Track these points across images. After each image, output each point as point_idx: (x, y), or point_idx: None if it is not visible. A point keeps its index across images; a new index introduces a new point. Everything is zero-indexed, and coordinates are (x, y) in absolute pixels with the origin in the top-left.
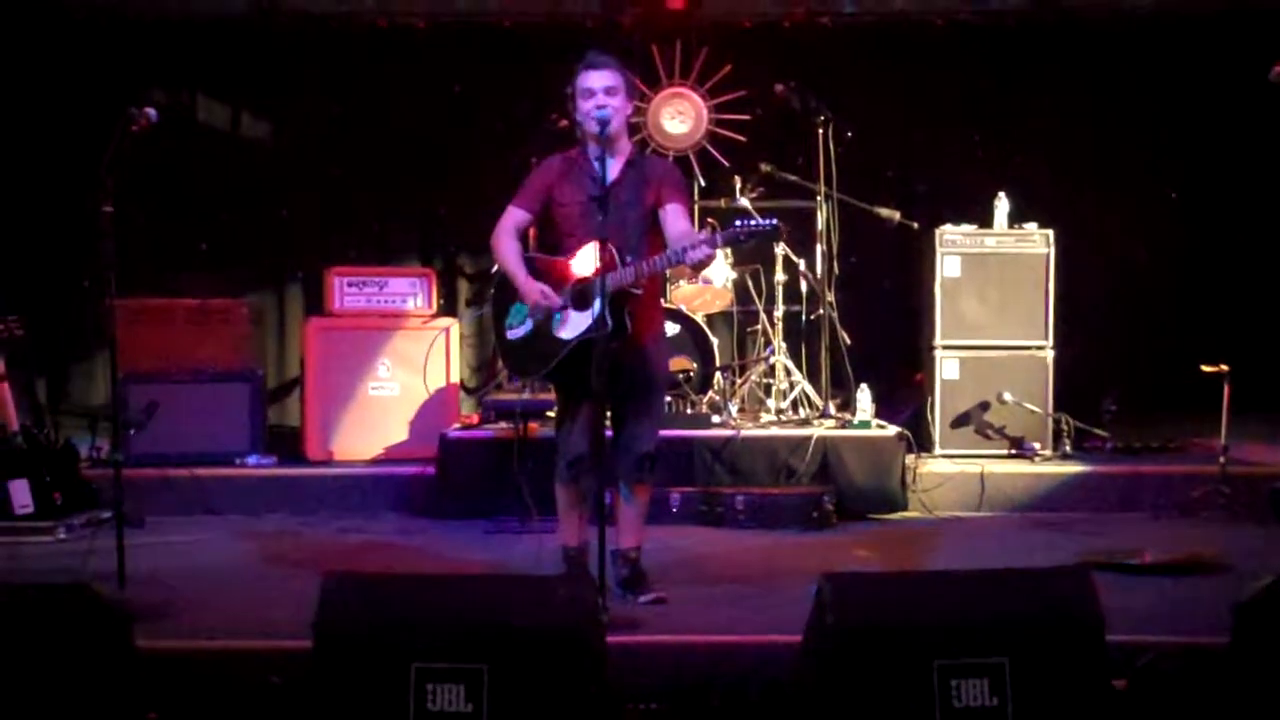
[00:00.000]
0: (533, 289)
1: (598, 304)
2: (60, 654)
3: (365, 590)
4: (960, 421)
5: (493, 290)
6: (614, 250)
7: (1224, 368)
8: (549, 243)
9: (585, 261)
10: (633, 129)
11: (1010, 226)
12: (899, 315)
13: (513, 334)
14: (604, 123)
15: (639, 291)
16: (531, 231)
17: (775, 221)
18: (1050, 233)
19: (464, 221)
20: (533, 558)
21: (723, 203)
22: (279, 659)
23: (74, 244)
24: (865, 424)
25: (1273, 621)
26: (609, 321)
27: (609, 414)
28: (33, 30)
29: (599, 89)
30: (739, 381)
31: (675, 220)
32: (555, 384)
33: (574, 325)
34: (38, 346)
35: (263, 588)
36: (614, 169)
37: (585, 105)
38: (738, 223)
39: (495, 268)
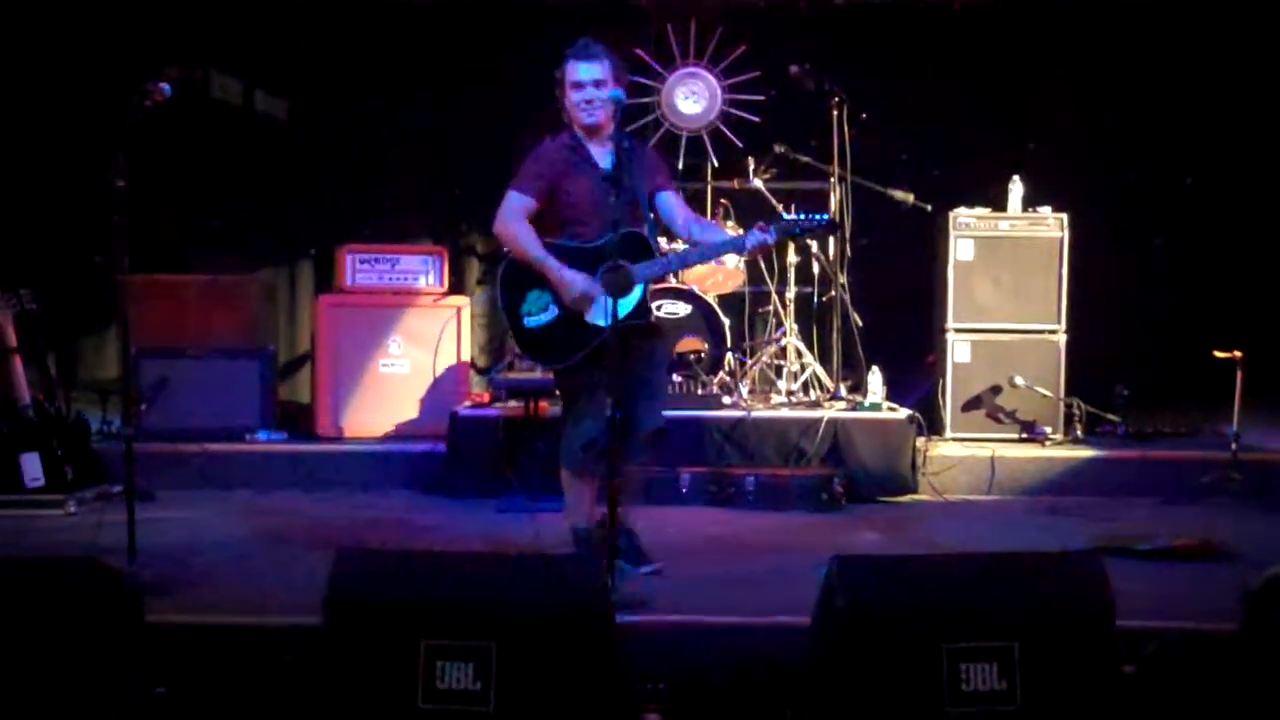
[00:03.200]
0: (576, 281)
1: (639, 290)
2: (70, 627)
3: (375, 567)
4: (972, 405)
5: (502, 274)
6: (647, 238)
7: (1237, 354)
8: (546, 228)
9: (619, 247)
10: (645, 109)
11: (1024, 210)
12: (911, 298)
13: (533, 321)
14: (600, 112)
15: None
16: None
17: (829, 217)
18: (1064, 217)
19: (477, 200)
20: (543, 536)
21: (735, 183)
22: (289, 635)
23: (87, 219)
24: (876, 406)
25: None
26: (650, 311)
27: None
28: (46, 3)
29: (588, 81)
30: (750, 363)
31: (678, 206)
32: (572, 370)
33: (610, 312)
34: (50, 320)
35: (272, 563)
36: (609, 156)
37: (575, 96)
38: (789, 215)
39: (507, 249)
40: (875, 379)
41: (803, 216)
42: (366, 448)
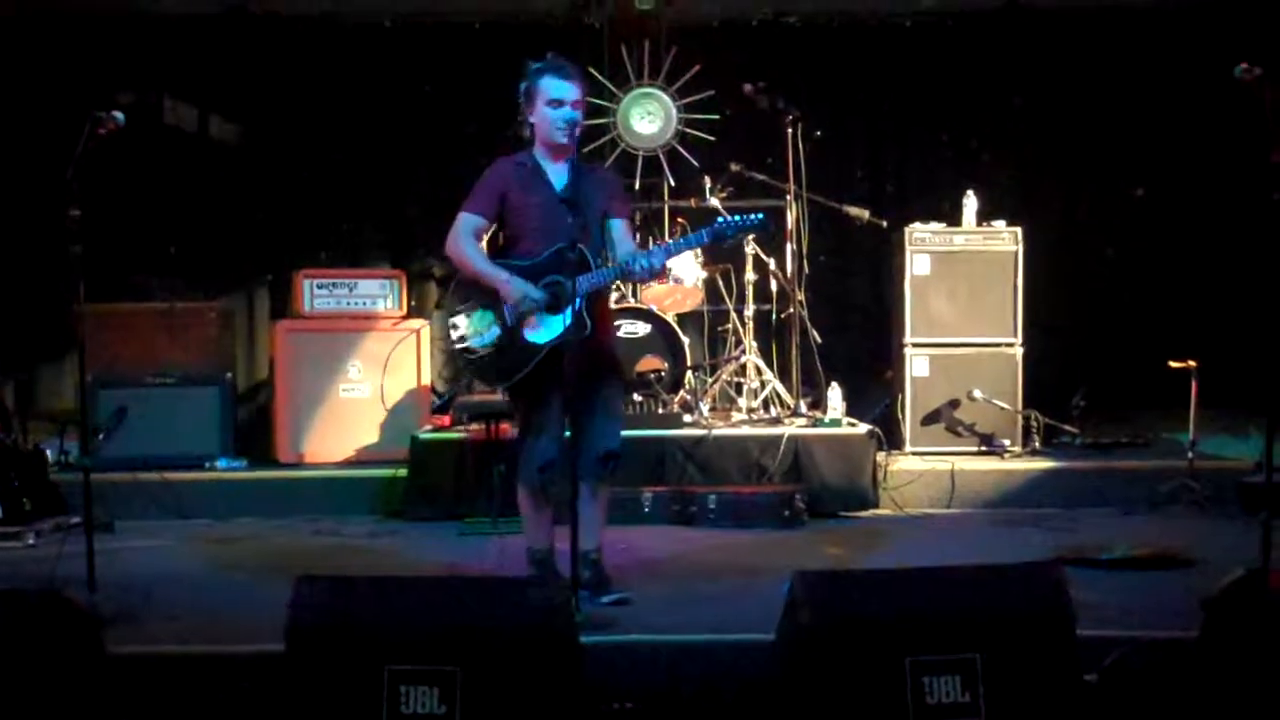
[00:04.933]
0: (517, 286)
1: (576, 305)
2: (31, 660)
3: (337, 593)
4: (930, 419)
5: (449, 300)
6: (585, 252)
7: (1192, 363)
8: (496, 246)
9: (557, 264)
10: (601, 129)
11: (978, 224)
12: (869, 313)
13: (476, 341)
14: (572, 133)
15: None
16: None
17: (763, 215)
18: (1018, 230)
19: (434, 223)
20: (506, 559)
21: (692, 202)
22: (251, 663)
23: (41, 248)
24: (836, 422)
25: (1241, 615)
26: (588, 323)
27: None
28: None
29: (568, 100)
30: (710, 381)
31: (625, 236)
32: (518, 388)
33: (548, 329)
34: (6, 351)
35: (234, 591)
36: (565, 173)
37: (553, 114)
38: (720, 219)
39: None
40: (835, 395)
41: (738, 218)
42: (327, 473)
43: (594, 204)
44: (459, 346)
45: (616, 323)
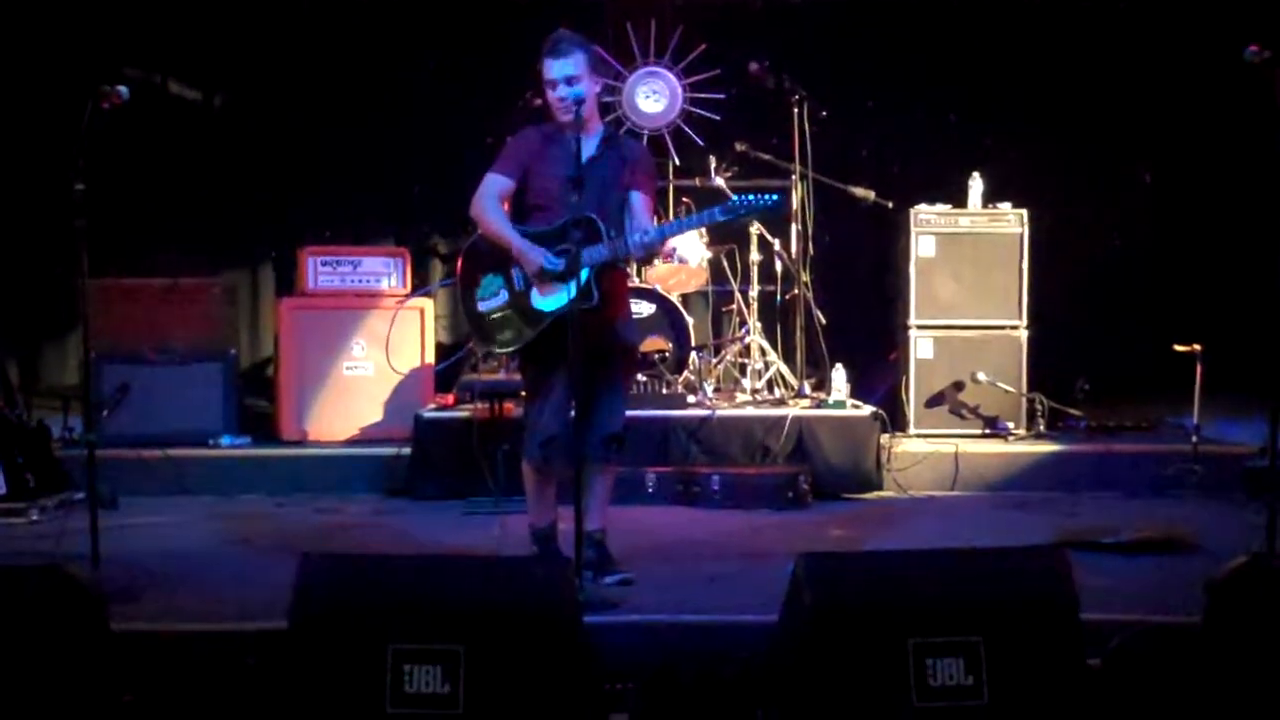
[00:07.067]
0: (535, 254)
1: (583, 275)
2: (34, 636)
3: (341, 571)
4: (935, 401)
5: (461, 260)
6: (598, 224)
7: (1197, 347)
8: (519, 216)
9: (570, 232)
10: (607, 108)
11: (984, 206)
12: (873, 295)
13: (485, 305)
14: (576, 110)
15: (619, 266)
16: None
17: (778, 197)
18: (1024, 212)
19: (438, 201)
20: (509, 538)
21: (697, 182)
22: (255, 640)
23: (46, 223)
24: (840, 404)
25: (1245, 600)
26: (595, 295)
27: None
28: None
29: (560, 79)
30: (714, 361)
31: (641, 209)
32: (526, 360)
33: (556, 297)
34: (9, 326)
35: (238, 569)
36: (591, 146)
37: (550, 95)
38: (735, 197)
39: (479, 230)
40: (839, 376)
41: (750, 198)
42: (331, 451)
43: (616, 177)
44: (466, 307)
45: None
